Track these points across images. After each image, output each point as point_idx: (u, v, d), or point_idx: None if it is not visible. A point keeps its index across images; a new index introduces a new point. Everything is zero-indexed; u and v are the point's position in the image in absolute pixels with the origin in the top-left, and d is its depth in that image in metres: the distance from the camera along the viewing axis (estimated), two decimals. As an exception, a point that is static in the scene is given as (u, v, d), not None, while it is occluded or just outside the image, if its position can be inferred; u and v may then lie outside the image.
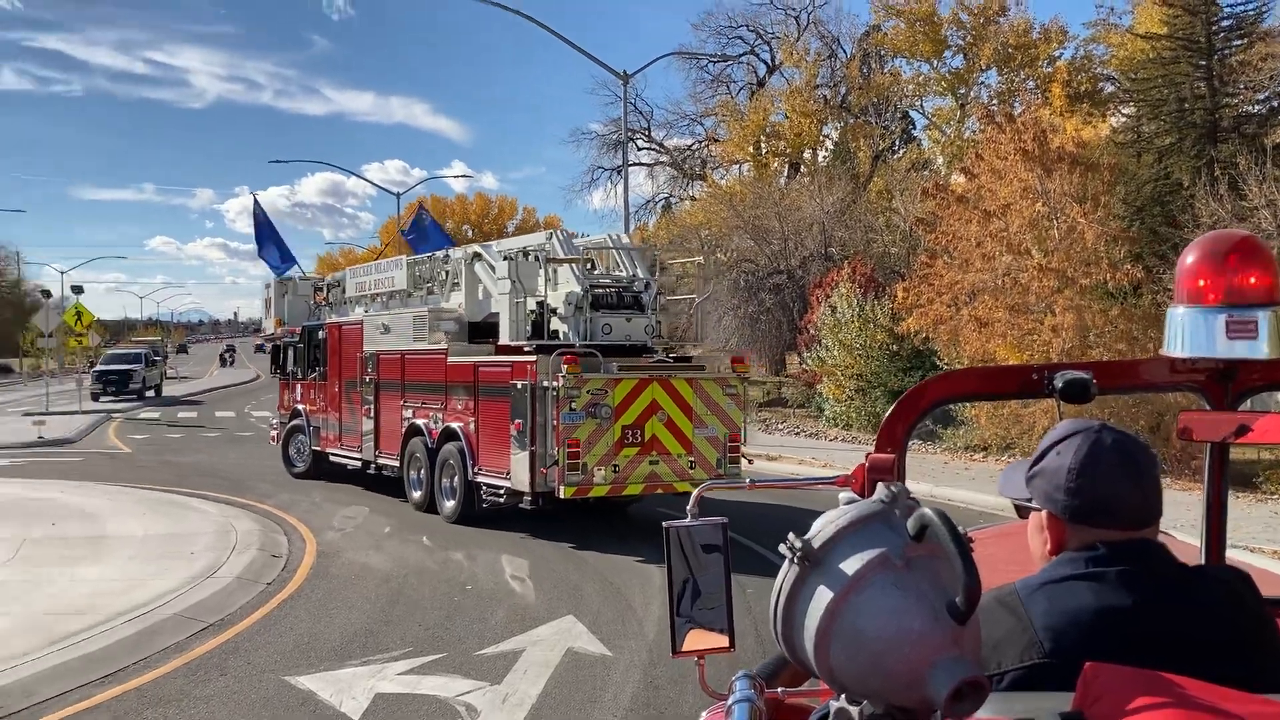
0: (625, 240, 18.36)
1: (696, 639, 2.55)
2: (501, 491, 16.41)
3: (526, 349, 16.54)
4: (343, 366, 21.41)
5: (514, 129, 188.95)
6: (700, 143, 60.40)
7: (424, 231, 29.75)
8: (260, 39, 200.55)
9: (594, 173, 60.53)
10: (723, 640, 2.56)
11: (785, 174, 56.81)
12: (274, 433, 24.84)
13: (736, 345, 40.86)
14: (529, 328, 16.87)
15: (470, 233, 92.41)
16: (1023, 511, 2.35)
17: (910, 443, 2.92)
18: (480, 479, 16.87)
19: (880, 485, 1.78)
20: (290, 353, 23.80)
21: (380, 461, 20.06)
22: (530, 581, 13.09)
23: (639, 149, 59.99)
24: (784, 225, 42.20)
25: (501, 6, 32.67)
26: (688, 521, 2.56)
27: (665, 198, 62.23)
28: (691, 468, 16.09)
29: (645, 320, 17.14)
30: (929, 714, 1.64)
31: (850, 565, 1.68)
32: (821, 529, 1.76)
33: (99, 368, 54.68)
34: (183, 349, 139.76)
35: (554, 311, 16.94)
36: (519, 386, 15.94)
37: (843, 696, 1.76)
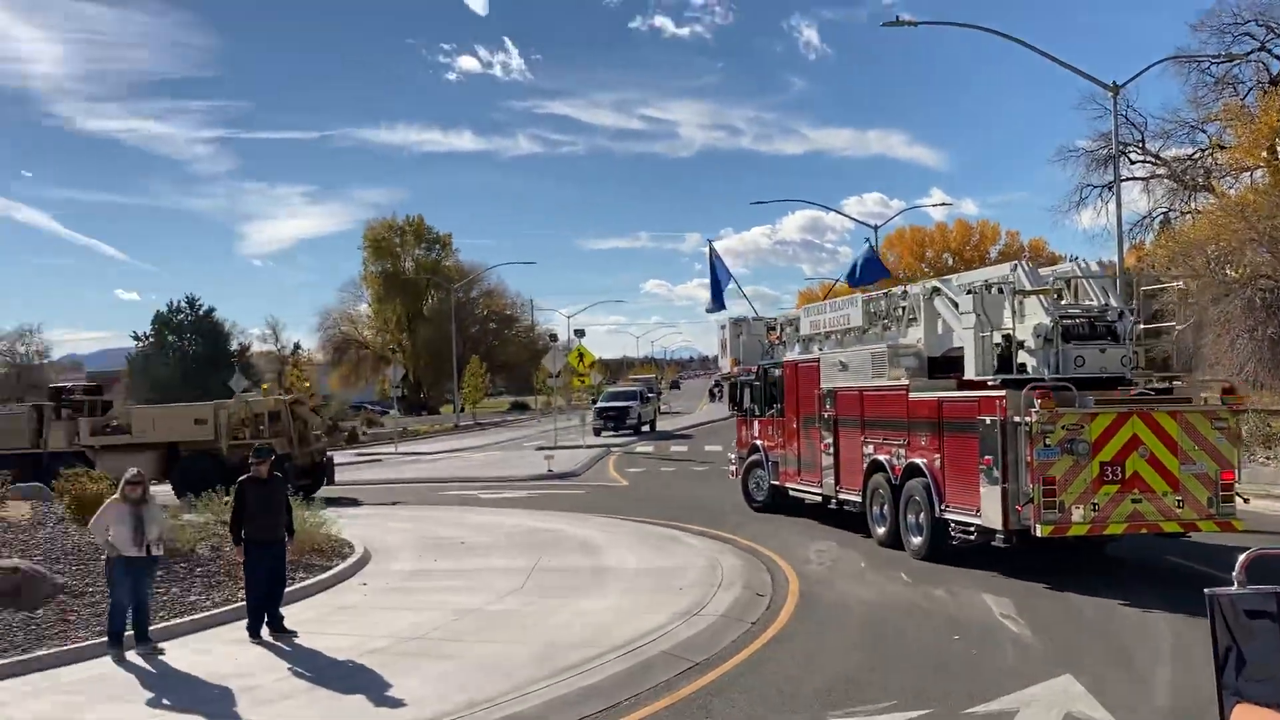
0: (1095, 268, 17.08)
1: (1245, 714, 2.26)
2: (971, 529, 15.56)
3: (991, 383, 15.61)
4: (800, 403, 21.18)
5: (993, 152, 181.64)
6: (1203, 151, 52.75)
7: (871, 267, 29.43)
8: (741, 86, 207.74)
9: (1081, 191, 54.57)
10: (1273, 717, 2.27)
11: None
12: (732, 468, 24.95)
13: (1253, 370, 36.67)
14: (995, 362, 15.86)
15: (950, 260, 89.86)
16: None
17: None
18: (948, 515, 16.10)
19: None
20: (747, 391, 23.86)
21: (841, 496, 19.59)
22: (1019, 629, 12.02)
23: (1131, 163, 53.78)
24: None
25: (980, 29, 31.80)
26: (1234, 590, 2.29)
27: (1164, 213, 54.81)
28: (1179, 507, 14.47)
29: (1121, 351, 15.61)
30: None
31: None
32: None
33: (599, 405, 56.78)
34: (675, 385, 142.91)
35: (1021, 344, 15.79)
36: (988, 422, 15.02)
37: None
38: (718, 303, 28.89)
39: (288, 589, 14.06)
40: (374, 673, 10.64)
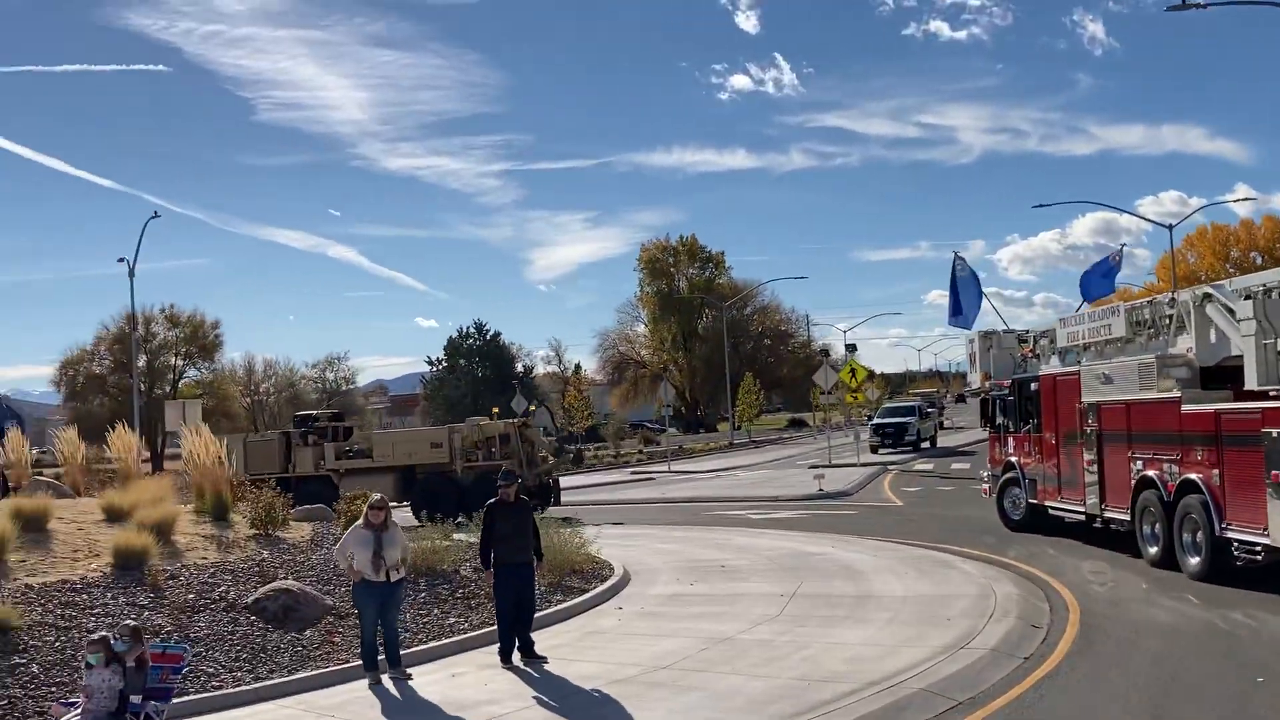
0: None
1: None
2: (1259, 548, 13.82)
3: (1274, 394, 13.87)
4: (1059, 418, 19.44)
5: None
6: None
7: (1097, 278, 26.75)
8: (1023, 86, 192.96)
9: None
10: None
11: None
12: (985, 486, 23.25)
13: None
14: (1279, 371, 14.10)
15: (1260, 260, 79.99)
16: None
17: None
18: (1230, 534, 14.35)
19: None
20: (1000, 405, 22.15)
21: (1107, 515, 17.80)
22: None
23: None
24: None
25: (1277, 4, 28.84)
26: None
27: None
28: None
29: None
30: None
31: None
32: None
33: (875, 421, 54.03)
34: (961, 399, 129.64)
35: (1311, 352, 14.15)
36: (1275, 435, 13.28)
37: None
38: (959, 317, 27.31)
39: (545, 611, 13.79)
40: (617, 704, 10.12)
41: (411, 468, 29.27)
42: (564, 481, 34.75)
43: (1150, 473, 16.35)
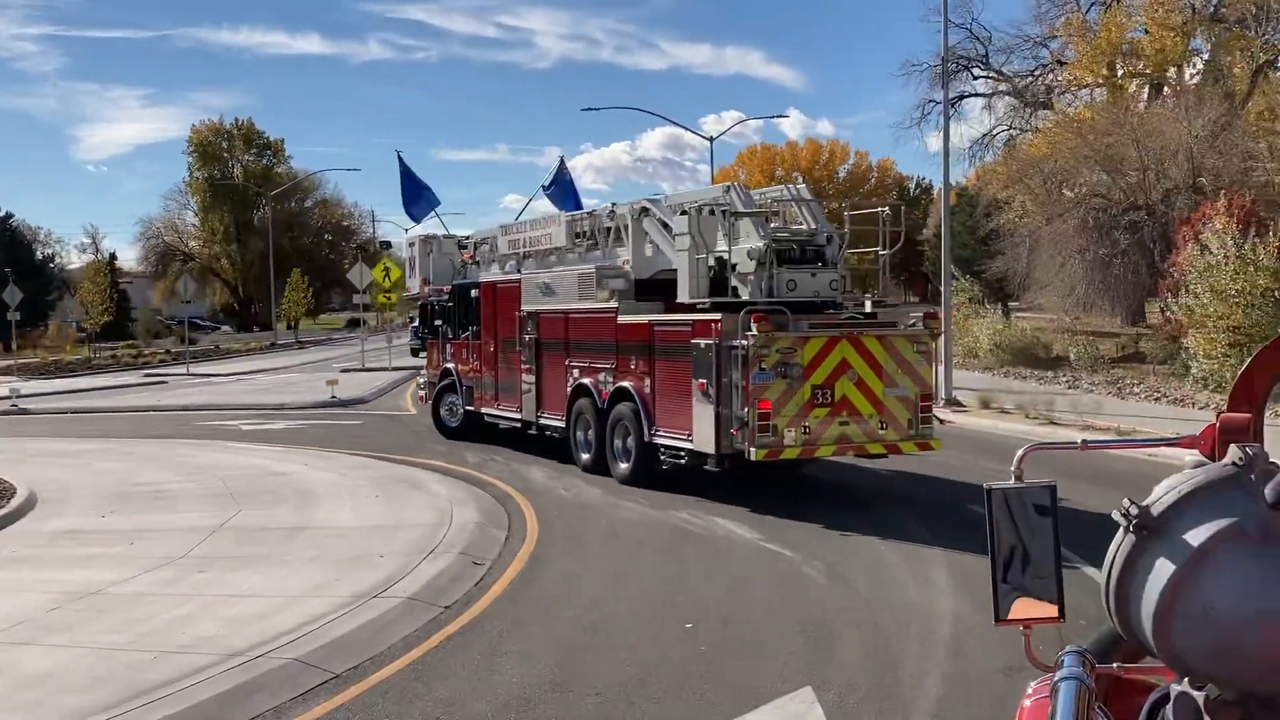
0: (804, 191, 15.04)
1: (1022, 608, 1.90)
2: (682, 453, 13.25)
3: (702, 306, 13.28)
4: (499, 326, 17.98)
5: (851, 71, 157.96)
6: (1044, 68, 46.25)
7: (565, 187, 25.96)
8: None
9: (924, 108, 46.06)
10: (1051, 610, 1.89)
11: (1145, 97, 42.74)
12: (422, 392, 21.36)
13: (1084, 292, 32.76)
14: (708, 285, 13.34)
15: (800, 180, 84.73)
16: None
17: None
18: (658, 440, 13.68)
19: (1233, 448, 1.37)
20: (440, 312, 20.30)
21: (543, 422, 16.70)
22: (759, 609, 9.08)
23: (974, 78, 46.98)
24: (1143, 154, 31.75)
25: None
26: (1012, 484, 1.91)
27: (1006, 129, 47.78)
28: (882, 429, 12.54)
29: (831, 275, 13.24)
30: None
31: (1196, 535, 1.31)
32: (1162, 495, 1.36)
33: (416, 324, 51.12)
34: None
35: (734, 268, 13.30)
36: (702, 346, 12.65)
37: (1185, 680, 1.39)
38: (428, 206, 24.75)
39: None
40: None
41: None
42: (48, 385, 29.53)
43: (586, 381, 15.30)
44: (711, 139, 51.95)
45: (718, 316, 12.85)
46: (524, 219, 19.36)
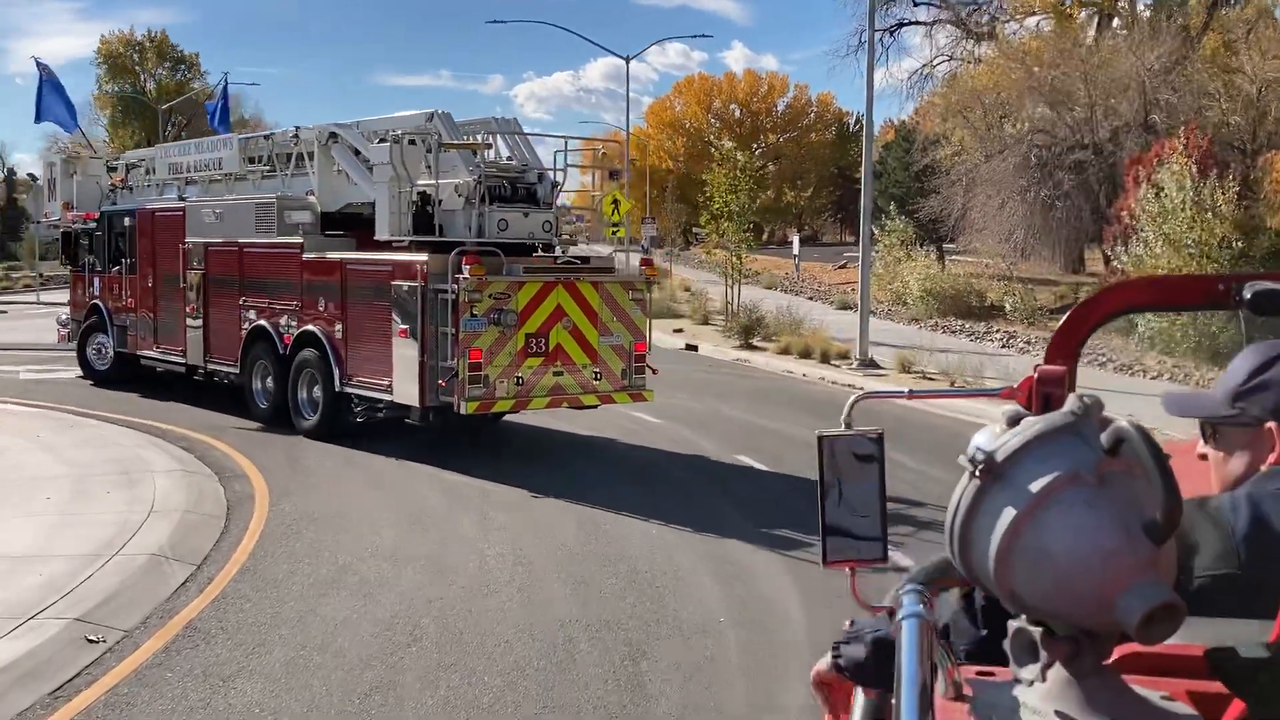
0: (515, 124, 13.81)
1: (847, 549, 1.91)
2: (381, 405, 11.78)
3: (398, 244, 11.81)
4: (158, 259, 15.18)
5: (794, 3, 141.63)
6: None
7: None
8: None
9: (860, 35, 39.54)
10: (876, 551, 1.92)
11: (1095, 27, 38.57)
12: (63, 330, 17.86)
13: (1023, 237, 29.30)
14: (411, 222, 11.90)
15: (738, 112, 76.94)
16: (1209, 430, 1.90)
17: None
18: (351, 390, 12.06)
19: (1072, 397, 1.38)
20: (87, 242, 16.93)
21: (213, 367, 14.31)
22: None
23: (915, 4, 41.55)
24: (1090, 89, 28.25)
25: None
26: (841, 431, 1.95)
27: (947, 60, 42.66)
28: (596, 379, 11.85)
29: (544, 216, 12.30)
30: (1116, 638, 1.36)
31: (1037, 480, 1.33)
32: (1005, 440, 1.36)
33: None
34: None
35: (439, 204, 11.96)
36: (405, 289, 11.25)
37: (1023, 617, 1.40)
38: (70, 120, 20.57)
39: None
40: None
41: None
42: None
43: (264, 323, 13.17)
44: (628, 58, 44.55)
45: (424, 257, 11.42)
46: (188, 140, 16.28)
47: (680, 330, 26.26)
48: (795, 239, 52.48)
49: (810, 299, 34.33)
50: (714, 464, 11.86)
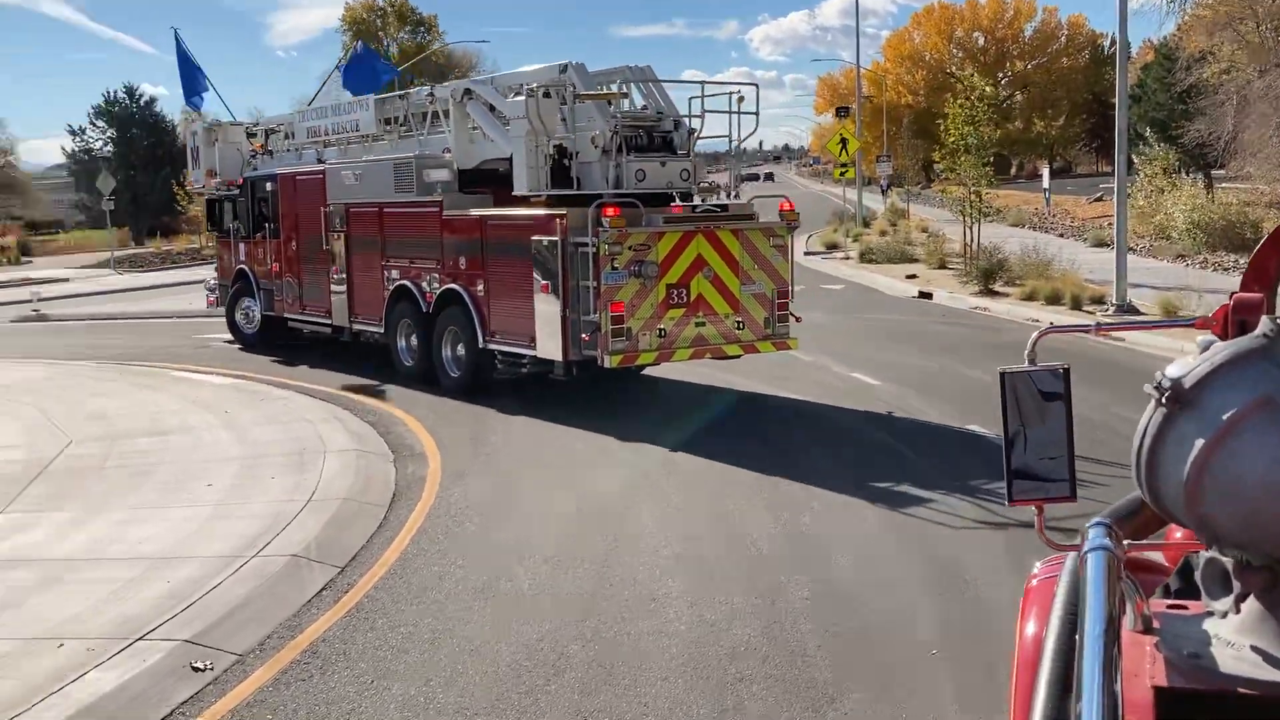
0: (649, 70, 13.36)
1: (1034, 489, 1.87)
2: (525, 360, 11.71)
3: (535, 199, 11.66)
4: (300, 222, 15.34)
5: None
6: None
7: (363, 72, 22.14)
8: None
9: None
10: (1063, 490, 1.87)
11: None
12: (211, 296, 18.25)
13: None
14: (549, 176, 11.72)
15: (981, 40, 73.27)
16: None
17: None
18: (494, 346, 12.04)
19: (1264, 319, 1.34)
20: (231, 208, 17.16)
21: (358, 328, 14.40)
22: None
23: None
24: None
25: None
26: (1026, 367, 1.88)
27: None
28: (739, 328, 11.53)
29: (682, 164, 11.96)
30: None
31: (1226, 406, 1.28)
32: (1193, 367, 1.32)
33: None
34: (754, 178, 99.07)
35: (575, 156, 11.80)
36: (545, 244, 11.08)
37: (1214, 547, 1.36)
38: (193, 98, 21.20)
39: None
40: None
41: None
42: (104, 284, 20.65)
43: (406, 283, 13.22)
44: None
45: (563, 211, 11.25)
46: (322, 104, 16.43)
47: (914, 276, 24.23)
48: (1045, 171, 49.06)
49: (1061, 236, 31.37)
50: (940, 431, 10.37)
